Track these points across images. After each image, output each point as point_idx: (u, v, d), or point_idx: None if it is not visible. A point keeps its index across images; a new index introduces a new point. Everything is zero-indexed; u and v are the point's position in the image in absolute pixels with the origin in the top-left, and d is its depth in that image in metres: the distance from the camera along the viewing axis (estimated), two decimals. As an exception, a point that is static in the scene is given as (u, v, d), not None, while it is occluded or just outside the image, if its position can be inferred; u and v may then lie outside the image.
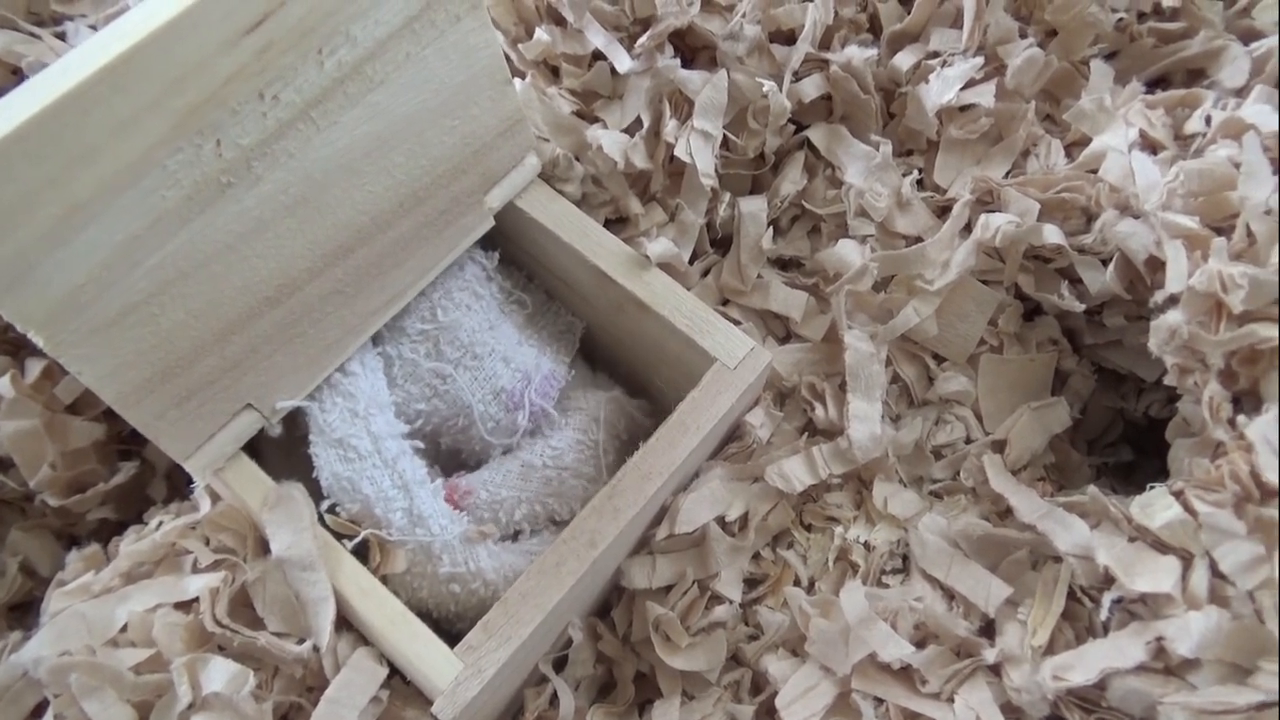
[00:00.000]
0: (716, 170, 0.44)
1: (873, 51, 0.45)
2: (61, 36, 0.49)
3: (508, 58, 0.44)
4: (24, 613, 0.44)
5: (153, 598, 0.35)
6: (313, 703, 0.34)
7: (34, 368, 0.43)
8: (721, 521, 0.41)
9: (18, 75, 0.49)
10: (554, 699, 0.41)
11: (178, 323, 0.33)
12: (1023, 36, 0.45)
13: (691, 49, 0.47)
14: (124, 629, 0.34)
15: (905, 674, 0.36)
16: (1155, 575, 0.33)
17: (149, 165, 0.29)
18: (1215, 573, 0.33)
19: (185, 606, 0.35)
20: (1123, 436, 0.48)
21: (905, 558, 0.40)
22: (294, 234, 0.35)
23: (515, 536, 0.41)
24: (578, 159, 0.44)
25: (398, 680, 0.37)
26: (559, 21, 0.45)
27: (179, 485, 0.46)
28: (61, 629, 0.34)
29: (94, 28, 0.49)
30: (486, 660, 0.35)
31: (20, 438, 0.41)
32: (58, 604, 0.35)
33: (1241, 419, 0.35)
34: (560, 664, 0.42)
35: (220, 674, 0.33)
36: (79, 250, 0.29)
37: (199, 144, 0.30)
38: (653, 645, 0.41)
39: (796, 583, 0.41)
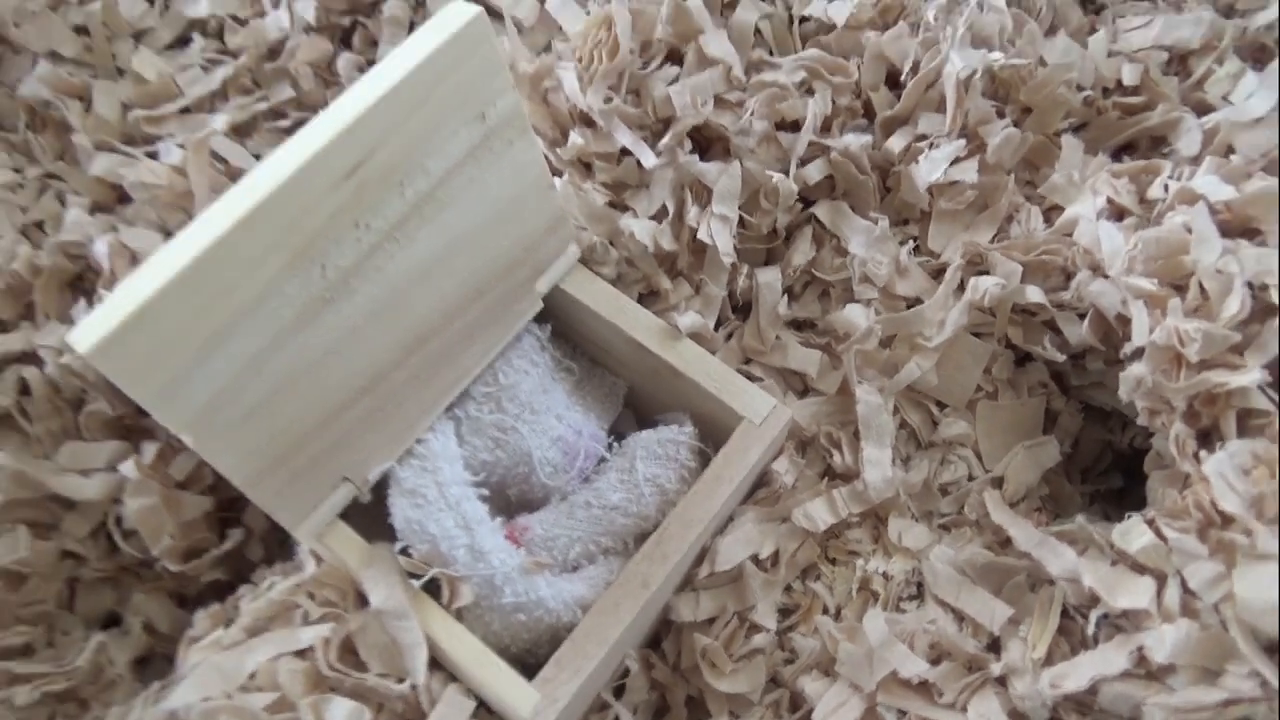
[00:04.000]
0: (735, 247, 0.50)
1: (867, 137, 0.51)
2: (154, 155, 0.56)
3: (546, 158, 0.50)
4: (144, 666, 0.50)
5: (274, 648, 0.41)
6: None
7: (149, 450, 0.49)
8: (755, 559, 0.47)
9: (119, 192, 0.56)
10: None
11: (290, 417, 0.39)
12: (1000, 116, 0.51)
13: (707, 140, 0.53)
14: (252, 676, 0.40)
15: (923, 688, 0.41)
16: (1134, 594, 0.39)
17: (271, 292, 0.36)
18: (1185, 589, 0.38)
19: (301, 654, 0.41)
20: (1112, 465, 0.54)
21: (920, 585, 0.46)
22: (381, 334, 0.41)
23: (574, 570, 0.47)
24: (612, 244, 0.50)
25: (483, 711, 0.43)
26: (590, 124, 0.52)
27: (273, 547, 0.52)
28: (201, 678, 0.40)
29: (182, 146, 0.55)
30: (560, 690, 0.41)
31: (144, 513, 0.47)
32: (195, 657, 0.41)
33: (1204, 454, 0.40)
34: (619, 691, 0.48)
35: (340, 711, 0.38)
36: (217, 366, 0.35)
37: (309, 270, 0.37)
38: (700, 672, 0.46)
39: (825, 611, 0.46)
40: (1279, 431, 0.39)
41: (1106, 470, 0.54)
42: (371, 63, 0.57)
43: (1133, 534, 0.40)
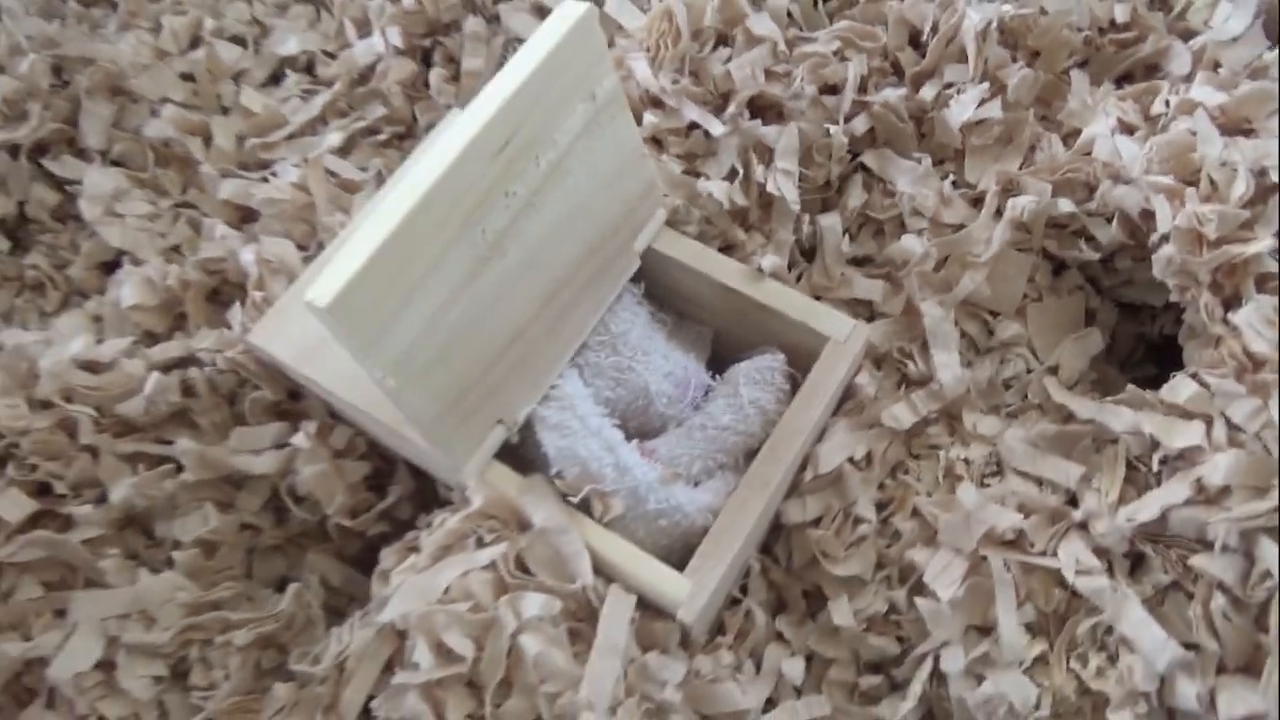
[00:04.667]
0: (799, 198, 0.58)
1: (902, 90, 0.59)
2: (272, 175, 0.63)
3: (628, 138, 0.57)
4: (327, 614, 0.56)
5: (460, 567, 0.47)
6: (591, 627, 0.47)
7: (310, 427, 0.56)
8: (851, 461, 0.54)
9: (243, 212, 0.63)
10: (745, 618, 0.53)
11: (461, 364, 0.46)
12: (1014, 60, 0.59)
13: (761, 108, 0.60)
14: (446, 590, 0.47)
15: (1017, 541, 0.48)
16: (1187, 435, 0.46)
17: (448, 253, 0.43)
18: (1230, 425, 0.45)
19: (483, 570, 0.48)
20: (1145, 356, 0.61)
21: (998, 464, 0.52)
22: (524, 290, 0.48)
23: (696, 485, 0.54)
24: (692, 205, 0.57)
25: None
26: (659, 105, 0.59)
27: (418, 505, 0.59)
28: (405, 595, 0.46)
29: (296, 166, 0.63)
30: (708, 577, 0.48)
31: (318, 477, 0.54)
32: (395, 580, 0.47)
33: (1231, 315, 0.47)
34: (743, 590, 0.54)
35: (534, 604, 0.45)
36: (411, 318, 0.42)
37: (474, 233, 0.44)
38: (813, 566, 0.53)
39: (917, 496, 0.53)
40: (1291, 286, 0.46)
41: (1140, 361, 0.61)
42: (455, 77, 0.64)
43: (1180, 388, 0.47)
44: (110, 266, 0.63)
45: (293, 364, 0.53)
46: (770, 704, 0.51)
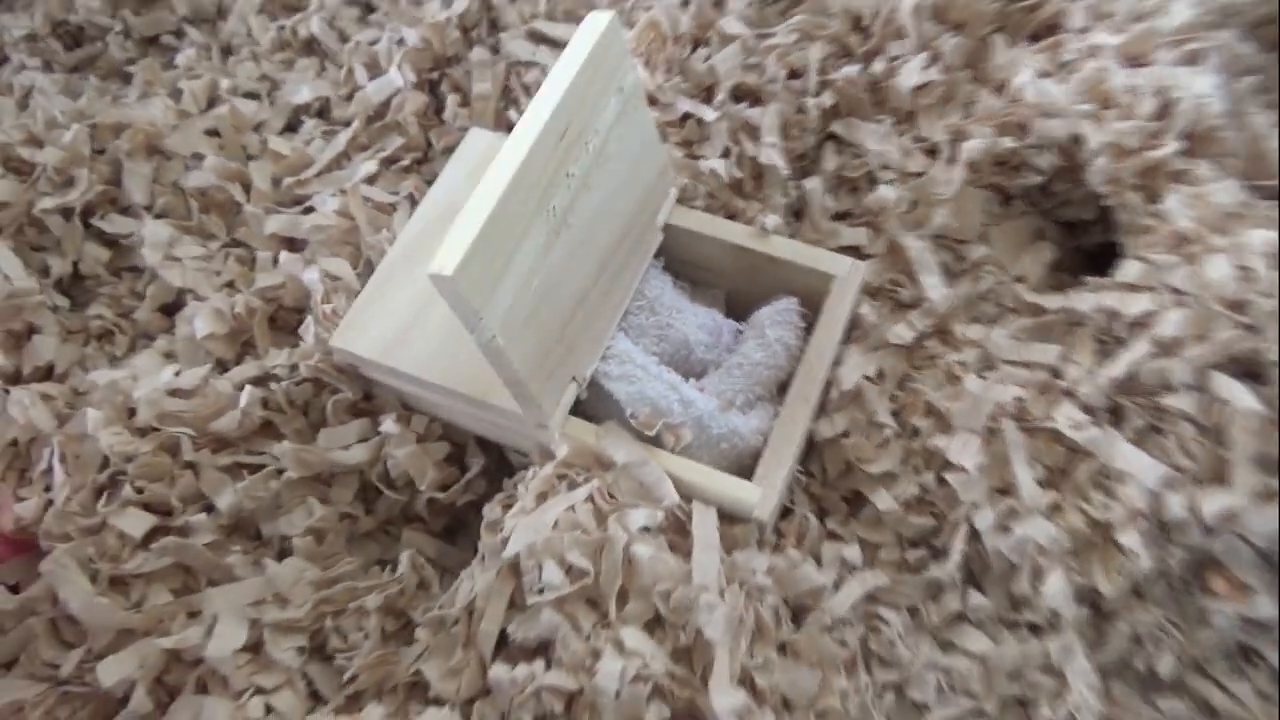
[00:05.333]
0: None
1: (857, 67, 0.69)
2: (309, 210, 0.70)
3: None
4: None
5: (561, 504, 0.54)
6: (682, 539, 0.54)
7: (389, 419, 0.62)
8: (867, 378, 0.63)
9: (289, 243, 0.70)
10: (800, 523, 0.61)
11: (544, 326, 0.54)
12: (946, 32, 0.70)
13: (742, 94, 0.70)
14: (555, 524, 0.54)
15: (1019, 413, 0.58)
16: (1141, 303, 0.56)
17: (529, 229, 0.51)
18: (1172, 290, 0.56)
19: (583, 504, 0.55)
20: (1082, 264, 0.72)
21: (989, 361, 0.62)
22: (584, 260, 0.56)
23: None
24: (697, 183, 0.66)
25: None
26: (654, 102, 0.68)
27: (491, 479, 0.65)
28: (521, 533, 0.53)
29: (334, 196, 0.69)
30: (774, 480, 0.56)
31: (410, 457, 0.60)
32: (509, 523, 0.54)
33: (1158, 206, 0.58)
34: (791, 503, 0.63)
35: (639, 517, 0.52)
36: (507, 285, 0.50)
37: (546, 209, 0.52)
38: (845, 477, 0.62)
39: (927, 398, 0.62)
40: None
41: (1078, 269, 0.72)
42: (466, 102, 0.72)
43: (1128, 269, 0.58)
44: (169, 308, 0.68)
45: (378, 359, 0.59)
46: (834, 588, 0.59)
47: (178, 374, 0.61)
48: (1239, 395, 0.53)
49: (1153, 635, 0.55)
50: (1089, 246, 0.71)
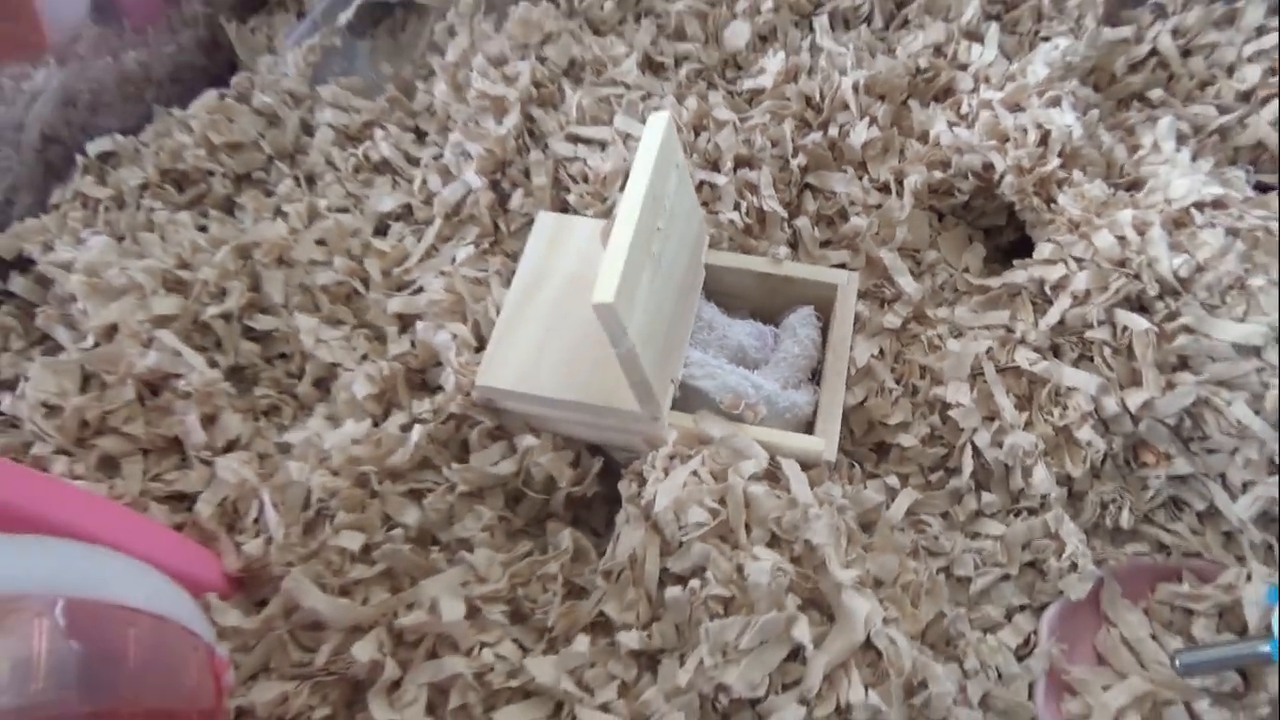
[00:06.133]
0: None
1: (819, 133, 0.92)
2: (418, 291, 0.87)
3: (667, 200, 0.87)
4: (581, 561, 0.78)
5: (684, 472, 0.73)
6: (776, 485, 0.73)
7: (519, 436, 0.79)
8: (873, 356, 0.84)
9: (408, 320, 0.87)
10: (847, 470, 0.81)
11: (654, 339, 0.73)
12: (876, 102, 0.94)
13: (740, 163, 0.92)
14: (684, 485, 0.72)
15: (991, 355, 0.80)
16: (1058, 270, 0.80)
17: (642, 268, 0.70)
18: (1075, 259, 0.80)
19: (700, 470, 0.73)
20: (1000, 260, 0.97)
21: (957, 331, 0.85)
22: (669, 289, 0.76)
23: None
24: (721, 231, 0.87)
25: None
26: (675, 177, 0.89)
27: (604, 478, 0.83)
28: (663, 493, 0.71)
29: (436, 278, 0.87)
30: (829, 434, 0.76)
31: (552, 461, 0.77)
32: (650, 489, 0.72)
33: (1054, 205, 0.83)
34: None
35: (750, 466, 0.71)
36: (636, 309, 0.69)
37: (647, 249, 0.71)
38: (869, 434, 0.83)
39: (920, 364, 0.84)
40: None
41: (1000, 262, 0.96)
42: (529, 193, 0.91)
43: (1044, 250, 0.82)
44: (319, 382, 0.84)
45: (517, 388, 0.77)
46: (883, 512, 0.79)
47: (359, 424, 0.76)
48: (1135, 322, 0.76)
49: (1113, 500, 0.77)
50: (1004, 245, 0.96)
